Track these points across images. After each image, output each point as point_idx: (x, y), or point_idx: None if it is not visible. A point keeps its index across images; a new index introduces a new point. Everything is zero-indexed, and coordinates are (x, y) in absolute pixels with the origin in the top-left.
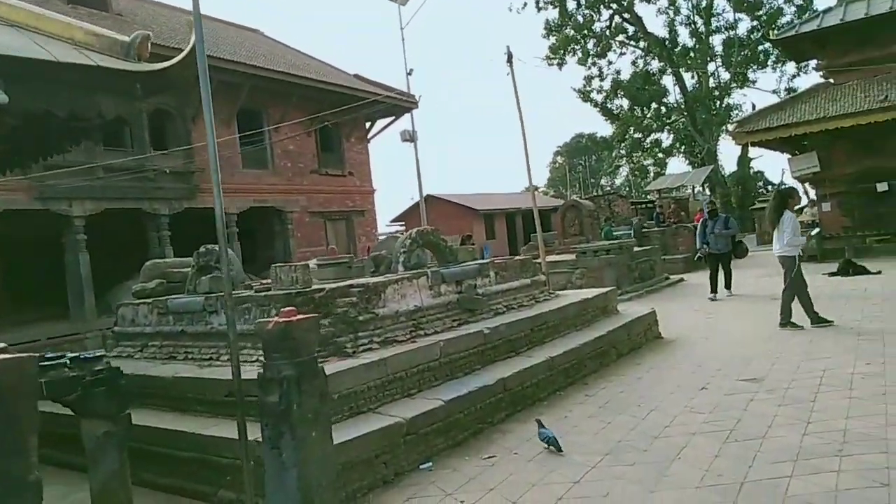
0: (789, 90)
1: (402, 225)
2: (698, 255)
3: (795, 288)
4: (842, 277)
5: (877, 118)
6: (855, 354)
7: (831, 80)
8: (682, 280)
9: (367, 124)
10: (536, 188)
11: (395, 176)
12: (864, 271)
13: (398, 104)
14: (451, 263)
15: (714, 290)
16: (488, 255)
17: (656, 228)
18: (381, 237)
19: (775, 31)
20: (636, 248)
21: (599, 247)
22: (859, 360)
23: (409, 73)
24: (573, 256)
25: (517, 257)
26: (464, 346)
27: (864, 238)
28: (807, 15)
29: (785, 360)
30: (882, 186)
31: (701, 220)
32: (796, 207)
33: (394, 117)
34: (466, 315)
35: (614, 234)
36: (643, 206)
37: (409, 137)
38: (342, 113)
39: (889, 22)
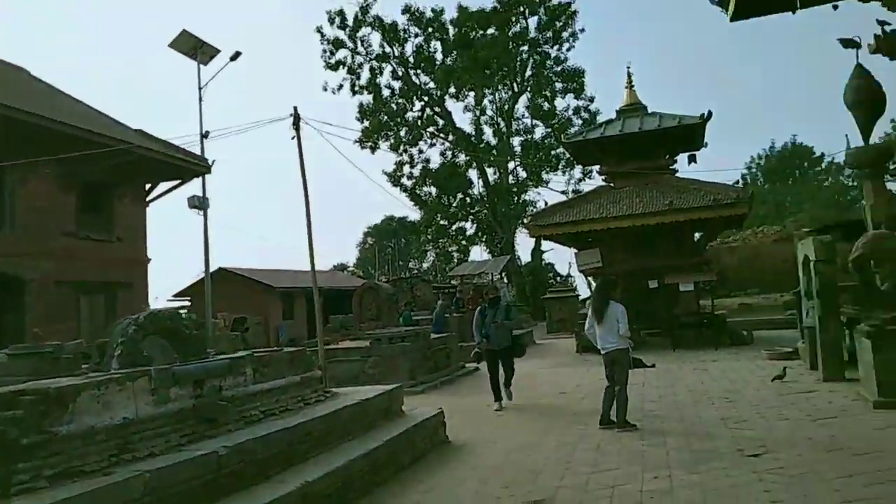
0: (576, 192)
1: (188, 300)
2: (475, 350)
3: (626, 383)
4: None
5: (648, 221)
6: (641, 464)
7: (612, 185)
8: (477, 369)
9: (148, 185)
10: (345, 267)
11: (183, 246)
12: (640, 364)
13: (187, 167)
14: (198, 358)
15: (498, 396)
16: (284, 337)
17: (456, 314)
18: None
19: (565, 136)
20: (433, 336)
21: (395, 333)
22: (647, 471)
23: (203, 136)
24: (368, 343)
25: (286, 349)
26: (185, 476)
27: (639, 331)
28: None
29: (574, 471)
30: (653, 283)
31: (479, 308)
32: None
33: (181, 181)
34: (205, 427)
35: (414, 318)
36: (446, 290)
37: (198, 204)
38: (111, 170)
39: (655, 138)
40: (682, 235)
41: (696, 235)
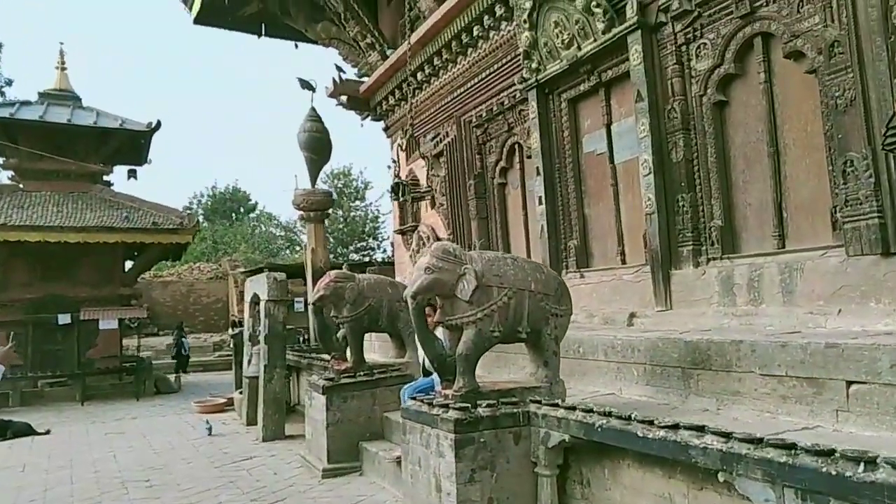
0: None
1: None
2: None
3: None
4: None
5: (68, 238)
6: None
7: (21, 186)
8: None
9: None
10: None
11: None
12: (28, 431)
13: None
14: None
15: None
16: None
17: None
18: None
19: None
20: None
21: None
22: None
23: None
24: None
25: None
26: None
27: (37, 381)
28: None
29: None
30: (65, 318)
31: None
32: None
33: None
34: None
35: None
36: None
37: None
38: None
39: (90, 137)
40: (111, 261)
41: (128, 264)
